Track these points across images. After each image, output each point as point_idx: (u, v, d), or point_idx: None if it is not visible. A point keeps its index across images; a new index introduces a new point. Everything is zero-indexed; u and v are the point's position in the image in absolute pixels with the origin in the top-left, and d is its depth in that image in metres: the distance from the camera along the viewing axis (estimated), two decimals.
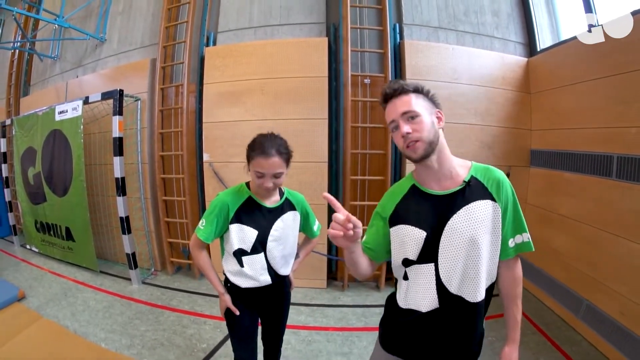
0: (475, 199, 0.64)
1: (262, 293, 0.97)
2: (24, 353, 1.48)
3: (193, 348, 1.57)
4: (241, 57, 2.08)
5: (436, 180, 0.66)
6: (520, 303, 0.70)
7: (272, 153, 0.83)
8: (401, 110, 0.64)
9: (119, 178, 2.09)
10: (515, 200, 0.67)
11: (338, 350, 1.53)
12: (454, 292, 0.64)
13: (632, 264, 1.35)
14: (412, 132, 0.63)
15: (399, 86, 0.66)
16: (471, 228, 0.62)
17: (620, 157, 1.43)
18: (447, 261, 0.64)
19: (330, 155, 2.05)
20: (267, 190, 0.87)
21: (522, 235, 0.67)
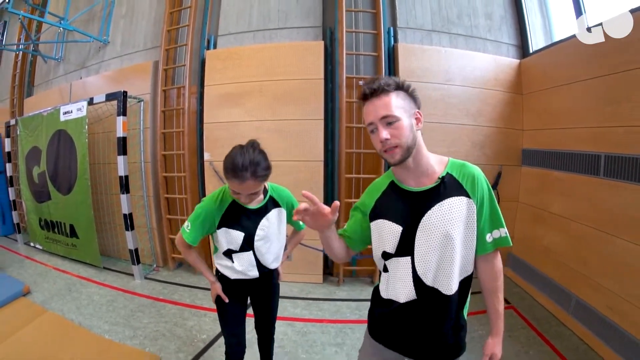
0: (449, 196, 0.66)
1: (249, 284, 1.03)
2: (30, 345, 1.57)
3: (193, 339, 1.67)
4: (241, 60, 2.19)
5: (413, 178, 0.69)
6: (502, 295, 0.72)
7: (247, 177, 0.82)
8: (381, 113, 0.64)
9: (122, 176, 2.20)
10: (491, 196, 0.69)
11: (332, 341, 1.63)
12: (429, 284, 0.68)
13: (619, 261, 1.42)
14: (390, 137, 0.63)
15: (379, 86, 0.65)
16: (445, 223, 0.65)
17: (608, 156, 1.51)
18: (421, 255, 0.67)
19: (326, 154, 2.16)
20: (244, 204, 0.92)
21: (500, 230, 0.69)
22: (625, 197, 1.41)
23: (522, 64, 2.22)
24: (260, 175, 0.85)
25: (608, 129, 1.52)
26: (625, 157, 1.43)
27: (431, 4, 2.21)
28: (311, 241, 2.14)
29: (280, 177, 2.39)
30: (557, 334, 1.62)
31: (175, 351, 1.55)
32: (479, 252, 0.70)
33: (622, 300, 1.39)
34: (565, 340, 1.56)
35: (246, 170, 0.82)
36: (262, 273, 1.02)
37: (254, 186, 0.86)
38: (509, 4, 2.29)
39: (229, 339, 1.08)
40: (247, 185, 0.84)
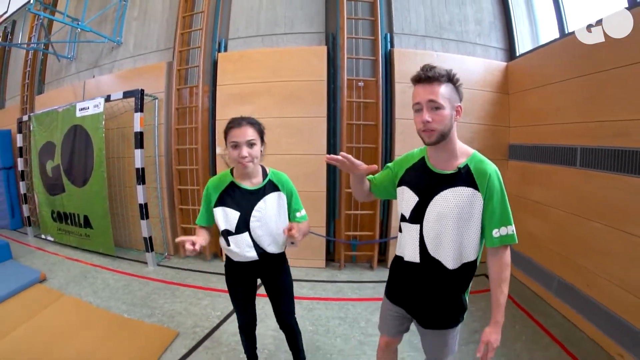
0: (461, 185, 0.78)
1: (252, 267, 1.09)
2: (50, 326, 1.70)
3: (208, 315, 1.89)
4: (250, 63, 2.47)
5: (439, 161, 0.81)
6: (506, 288, 0.80)
7: (243, 123, 0.98)
8: (429, 97, 0.74)
9: (139, 168, 2.46)
10: (502, 194, 0.78)
11: (335, 315, 1.87)
12: (432, 254, 0.82)
13: (594, 242, 1.62)
14: (431, 121, 0.74)
15: (434, 74, 0.74)
16: (449, 206, 0.78)
17: (583, 149, 1.73)
18: (427, 226, 0.82)
19: (328, 149, 2.44)
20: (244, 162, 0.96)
21: (507, 227, 0.77)
22: (598, 184, 1.63)
23: (509, 66, 2.50)
24: (255, 123, 1.00)
25: (583, 124, 1.73)
26: (597, 149, 1.64)
27: (425, 11, 2.49)
28: (315, 228, 2.38)
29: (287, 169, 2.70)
30: (542, 312, 1.83)
31: (192, 326, 1.77)
32: (487, 244, 0.80)
33: (598, 277, 1.59)
34: (549, 317, 1.77)
35: (242, 119, 1.00)
36: (262, 255, 1.08)
37: (251, 133, 0.97)
38: (497, 11, 2.58)
39: (239, 316, 1.23)
40: (244, 131, 0.96)
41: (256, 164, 1.02)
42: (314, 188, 2.38)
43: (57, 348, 1.51)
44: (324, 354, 1.55)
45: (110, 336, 1.63)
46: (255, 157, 0.99)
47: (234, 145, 0.98)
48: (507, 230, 0.78)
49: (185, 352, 1.54)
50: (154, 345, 1.55)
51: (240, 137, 0.97)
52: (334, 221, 2.53)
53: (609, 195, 1.57)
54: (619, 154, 1.53)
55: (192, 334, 1.69)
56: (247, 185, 1.05)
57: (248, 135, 0.97)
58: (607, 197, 1.58)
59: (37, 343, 1.53)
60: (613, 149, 1.56)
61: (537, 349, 1.55)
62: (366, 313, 1.89)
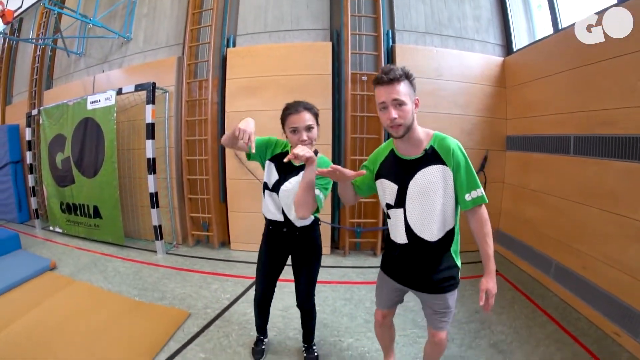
0: (430, 164, 0.91)
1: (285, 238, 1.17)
2: (62, 308, 1.76)
3: (218, 298, 2.00)
4: (258, 57, 2.62)
5: (407, 148, 0.95)
6: (490, 241, 0.91)
7: (300, 109, 1.06)
8: (393, 96, 0.86)
9: (150, 158, 2.58)
10: (466, 164, 0.90)
11: (341, 297, 1.98)
12: (417, 233, 0.94)
13: (588, 225, 1.73)
14: (397, 117, 0.86)
15: (395, 75, 0.85)
16: (426, 185, 0.91)
17: (576, 137, 1.86)
18: (410, 207, 0.94)
19: (333, 139, 2.58)
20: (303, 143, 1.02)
21: (476, 190, 0.90)
22: (591, 170, 1.75)
23: (505, 61, 2.64)
24: (311, 108, 1.08)
25: (575, 114, 1.86)
26: (589, 137, 1.77)
27: (425, 9, 2.64)
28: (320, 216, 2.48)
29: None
30: (540, 295, 1.93)
31: (203, 308, 1.87)
32: (462, 208, 0.93)
33: (593, 259, 1.69)
34: (547, 300, 1.88)
35: (299, 104, 1.08)
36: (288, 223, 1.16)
37: (309, 118, 1.04)
38: (495, 8, 2.74)
39: (258, 286, 1.30)
40: (302, 116, 1.04)
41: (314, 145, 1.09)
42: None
43: (69, 329, 1.57)
44: (330, 330, 1.65)
45: (121, 317, 1.71)
46: (313, 139, 1.07)
47: (293, 130, 1.05)
48: (477, 192, 0.91)
49: (197, 330, 1.64)
50: (166, 325, 1.64)
51: (299, 123, 1.04)
52: (338, 210, 2.65)
53: (602, 180, 1.69)
54: (607, 141, 1.66)
55: (204, 315, 1.80)
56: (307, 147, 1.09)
57: (306, 120, 1.04)
58: (599, 182, 1.71)
59: (49, 324, 1.59)
60: (602, 137, 1.69)
61: (534, 325, 1.66)
62: (371, 295, 1.99)
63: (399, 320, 1.68)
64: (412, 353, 1.46)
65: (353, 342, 1.55)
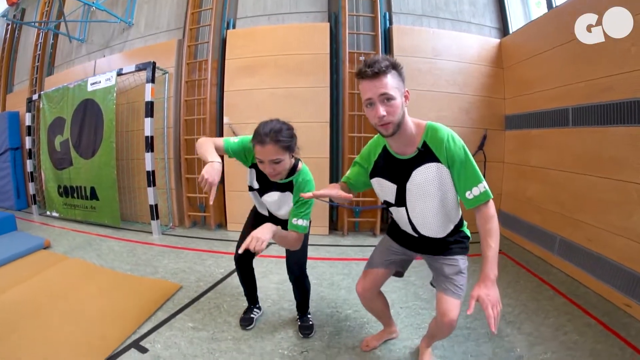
0: (425, 162, 0.81)
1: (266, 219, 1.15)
2: (55, 281, 1.66)
3: (212, 272, 1.87)
4: (257, 38, 2.55)
5: (399, 146, 0.84)
6: (493, 242, 0.77)
7: (267, 141, 0.90)
8: (380, 91, 0.73)
9: (148, 136, 2.47)
10: (462, 159, 0.78)
11: (339, 272, 1.85)
12: (422, 232, 0.89)
13: (591, 195, 1.65)
14: (386, 115, 0.74)
15: (379, 69, 0.72)
16: (423, 184, 0.82)
17: (574, 108, 1.79)
18: (411, 206, 0.87)
19: (331, 116, 2.49)
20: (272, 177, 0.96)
21: (478, 187, 0.78)
22: (591, 139, 1.68)
23: (502, 43, 2.58)
24: (280, 140, 0.90)
25: (572, 86, 1.80)
26: (587, 107, 1.70)
27: None
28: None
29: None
30: (545, 271, 1.81)
31: (195, 281, 1.74)
32: (466, 207, 0.82)
33: (598, 229, 1.60)
34: (552, 276, 1.75)
35: (267, 135, 0.90)
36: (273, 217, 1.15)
37: (275, 151, 0.90)
38: None
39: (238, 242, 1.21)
40: (267, 150, 0.90)
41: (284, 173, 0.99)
42: (317, 154, 2.40)
43: (60, 299, 1.48)
44: (328, 302, 1.51)
45: (111, 290, 1.61)
46: (281, 170, 0.96)
47: (259, 161, 0.95)
48: (479, 189, 0.79)
49: (187, 302, 1.50)
50: (156, 296, 1.52)
51: (264, 156, 0.93)
52: None
53: (602, 148, 1.62)
54: (606, 108, 1.59)
55: (196, 287, 1.66)
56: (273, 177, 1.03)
57: (271, 154, 0.91)
58: (600, 150, 1.63)
59: (37, 297, 1.50)
60: (600, 105, 1.62)
61: (542, 299, 1.53)
62: None
63: (400, 294, 1.56)
64: (414, 323, 1.32)
65: (351, 313, 1.41)
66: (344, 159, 2.45)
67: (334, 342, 1.21)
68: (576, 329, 1.25)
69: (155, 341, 1.21)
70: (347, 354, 1.13)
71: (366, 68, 0.74)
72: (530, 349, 1.15)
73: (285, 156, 0.95)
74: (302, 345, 1.19)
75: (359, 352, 1.14)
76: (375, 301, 1.08)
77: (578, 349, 1.13)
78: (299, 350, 1.16)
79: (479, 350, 1.15)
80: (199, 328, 1.29)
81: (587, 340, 1.18)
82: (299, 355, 1.14)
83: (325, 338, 1.23)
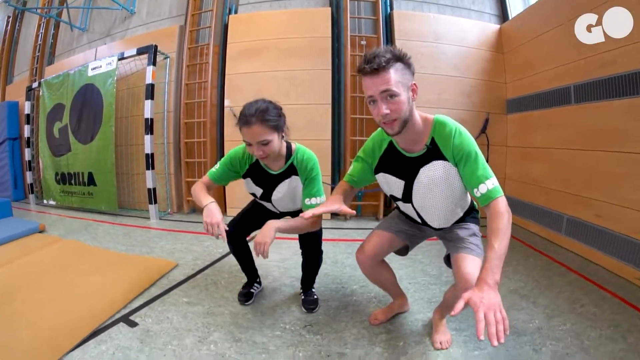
0: (432, 160, 0.76)
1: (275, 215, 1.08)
2: (49, 260, 1.58)
3: (210, 252, 1.76)
4: (259, 22, 2.50)
5: (407, 144, 0.78)
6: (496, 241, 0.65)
7: (253, 122, 0.83)
8: (381, 88, 0.66)
9: (148, 118, 2.38)
10: (470, 152, 0.72)
11: (343, 251, 1.76)
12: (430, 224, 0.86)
13: (598, 170, 1.59)
14: (390, 112, 0.68)
15: (380, 63, 0.65)
16: (430, 182, 0.78)
17: (576, 86, 1.75)
18: (417, 202, 0.83)
19: (333, 98, 2.41)
20: (261, 159, 0.88)
21: (485, 183, 0.71)
22: (594, 115, 1.64)
23: (502, 29, 2.54)
24: (267, 119, 0.84)
25: (573, 64, 1.76)
26: (589, 83, 1.65)
27: None
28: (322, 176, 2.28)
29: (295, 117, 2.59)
30: (553, 251, 1.72)
31: (192, 260, 1.63)
32: (480, 203, 0.75)
33: (607, 204, 1.54)
34: (562, 255, 1.66)
35: (252, 115, 0.84)
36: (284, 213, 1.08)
37: (262, 132, 0.84)
38: None
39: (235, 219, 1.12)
40: (254, 131, 0.84)
41: (274, 155, 0.92)
42: (319, 136, 2.33)
43: (52, 275, 1.38)
44: (332, 279, 1.41)
45: (104, 267, 1.50)
46: (271, 152, 0.89)
47: (247, 144, 0.88)
48: (487, 185, 0.71)
49: (183, 279, 1.39)
50: (150, 272, 1.41)
51: (251, 138, 0.85)
52: (339, 173, 2.44)
53: (606, 122, 1.56)
54: (607, 82, 1.55)
55: (192, 265, 1.55)
56: (270, 169, 0.99)
57: (258, 135, 0.84)
58: (603, 124, 1.57)
59: (32, 272, 1.41)
60: (602, 79, 1.57)
61: (553, 275, 1.43)
62: None
63: (408, 270, 1.45)
64: (424, 297, 1.22)
65: (358, 288, 1.31)
66: (345, 141, 2.37)
67: (340, 316, 1.10)
68: (592, 302, 1.16)
69: (146, 315, 1.10)
70: (355, 328, 1.03)
71: (365, 64, 0.67)
72: (549, 321, 1.05)
73: (274, 136, 0.87)
74: (305, 320, 1.08)
75: (367, 326, 1.03)
76: (378, 270, 0.97)
77: (597, 320, 1.04)
78: (302, 324, 1.05)
79: None
80: (194, 303, 1.18)
81: (605, 312, 1.10)
82: (302, 329, 1.03)
83: (331, 312, 1.12)
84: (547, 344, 0.92)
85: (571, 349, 0.90)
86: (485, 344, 0.91)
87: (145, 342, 0.94)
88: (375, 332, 1.00)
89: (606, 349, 0.90)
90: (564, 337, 0.95)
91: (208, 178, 1.01)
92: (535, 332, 0.98)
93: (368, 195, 2.42)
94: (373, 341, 0.95)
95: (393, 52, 0.67)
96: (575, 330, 0.99)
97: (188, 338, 0.97)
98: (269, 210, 1.11)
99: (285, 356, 0.88)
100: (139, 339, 0.95)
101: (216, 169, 1.01)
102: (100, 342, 0.94)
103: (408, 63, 0.69)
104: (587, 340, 0.94)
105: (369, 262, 0.93)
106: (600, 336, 0.95)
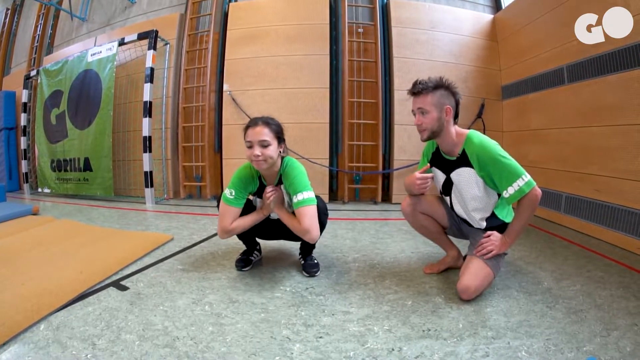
0: (462, 166, 0.94)
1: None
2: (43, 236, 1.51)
3: (207, 228, 1.69)
4: (259, 10, 2.48)
5: (446, 149, 0.97)
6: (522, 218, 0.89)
7: (258, 123, 0.93)
8: (417, 105, 0.91)
9: (147, 101, 2.30)
10: (496, 158, 0.86)
11: (343, 227, 1.71)
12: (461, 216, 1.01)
13: (595, 145, 1.59)
14: (421, 123, 0.91)
15: (420, 88, 0.89)
16: (460, 183, 0.96)
17: (569, 66, 1.76)
18: (453, 197, 1.00)
19: (331, 83, 2.38)
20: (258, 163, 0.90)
21: (517, 182, 0.85)
22: (588, 92, 1.64)
23: (496, 18, 2.56)
24: (271, 124, 0.93)
25: (565, 45, 1.77)
26: (581, 62, 1.67)
27: None
28: (318, 160, 2.24)
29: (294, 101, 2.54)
30: (554, 229, 1.69)
31: (188, 235, 1.55)
32: (507, 203, 0.92)
33: (605, 178, 1.52)
34: (562, 232, 1.64)
35: (259, 119, 0.95)
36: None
37: (265, 133, 0.91)
38: None
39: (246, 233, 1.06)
40: (258, 131, 0.91)
41: (271, 164, 0.94)
42: (317, 119, 2.28)
43: (46, 247, 1.31)
44: (332, 249, 1.34)
45: (100, 240, 1.42)
46: (269, 157, 0.92)
47: (249, 145, 0.93)
48: (519, 183, 0.85)
49: (178, 250, 1.30)
50: (144, 245, 1.32)
51: (253, 137, 0.92)
52: (337, 156, 2.38)
53: (599, 98, 1.56)
54: (599, 60, 1.56)
55: (188, 239, 1.47)
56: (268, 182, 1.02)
57: (261, 135, 0.91)
58: (597, 100, 1.57)
59: (25, 245, 1.34)
60: (593, 57, 1.58)
61: (556, 247, 1.39)
62: (376, 226, 1.72)
63: (410, 243, 1.38)
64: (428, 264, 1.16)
65: (359, 257, 1.24)
66: (344, 124, 2.33)
67: (343, 280, 1.03)
68: (598, 268, 1.12)
69: (138, 280, 1.01)
70: (360, 290, 0.96)
71: (412, 88, 0.92)
72: (558, 283, 1.00)
73: (274, 142, 0.94)
74: (307, 283, 1.00)
75: (373, 287, 0.96)
76: (419, 217, 1.06)
77: (606, 283, 1.00)
78: (303, 287, 0.98)
79: (504, 284, 0.99)
80: (189, 270, 1.10)
81: (612, 276, 1.06)
82: (304, 291, 0.95)
83: (333, 276, 1.05)
84: (560, 301, 0.87)
85: (584, 305, 0.85)
86: (498, 302, 0.87)
87: (135, 304, 0.85)
88: (381, 293, 0.93)
89: (620, 305, 0.85)
90: (575, 296, 0.90)
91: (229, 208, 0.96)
92: (546, 292, 0.93)
93: (366, 179, 2.37)
94: (380, 301, 0.88)
95: (435, 82, 0.90)
96: (585, 290, 0.94)
97: (181, 300, 0.88)
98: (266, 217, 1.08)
99: (286, 315, 0.81)
100: (128, 301, 0.87)
101: (234, 195, 0.97)
102: (88, 304, 0.85)
103: (451, 91, 0.90)
104: (598, 298, 0.89)
105: (408, 209, 1.05)
106: (611, 295, 0.91)
